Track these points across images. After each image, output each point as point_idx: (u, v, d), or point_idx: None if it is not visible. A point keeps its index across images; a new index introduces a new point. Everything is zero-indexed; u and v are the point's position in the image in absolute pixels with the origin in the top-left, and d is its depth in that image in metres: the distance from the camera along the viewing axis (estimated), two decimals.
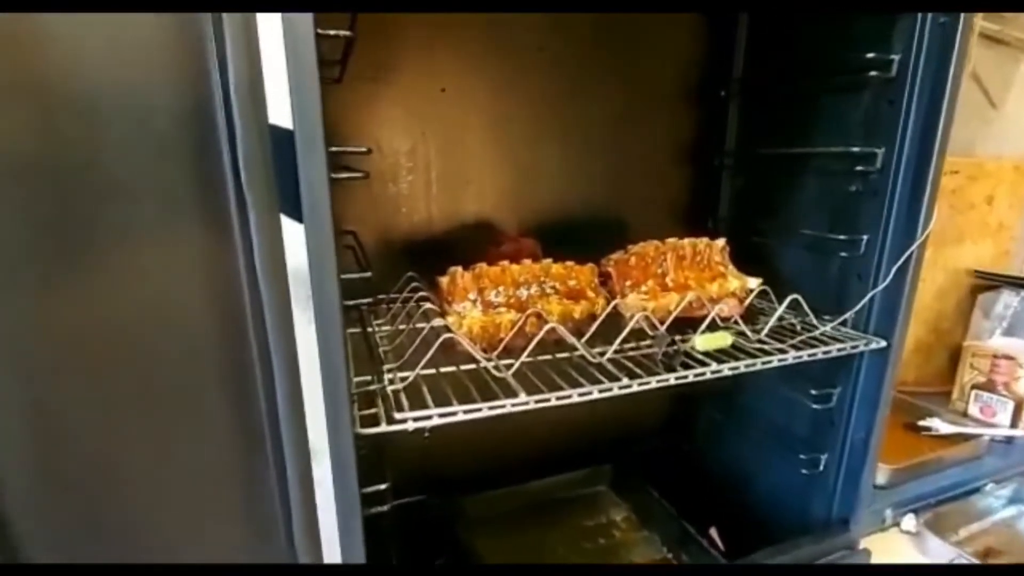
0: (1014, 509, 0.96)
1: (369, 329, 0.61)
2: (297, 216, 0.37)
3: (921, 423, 1.06)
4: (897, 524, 0.88)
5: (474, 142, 0.76)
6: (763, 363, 0.57)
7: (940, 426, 1.05)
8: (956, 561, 0.78)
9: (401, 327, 0.62)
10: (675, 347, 0.56)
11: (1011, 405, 1.07)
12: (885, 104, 0.61)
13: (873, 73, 0.60)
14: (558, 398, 0.49)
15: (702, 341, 0.58)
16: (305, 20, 0.33)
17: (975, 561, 0.77)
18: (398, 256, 0.75)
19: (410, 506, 0.83)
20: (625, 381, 0.51)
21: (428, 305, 0.60)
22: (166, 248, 0.34)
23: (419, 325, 0.60)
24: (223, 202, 0.34)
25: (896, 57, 0.59)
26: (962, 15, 0.54)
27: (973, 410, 1.12)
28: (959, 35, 0.54)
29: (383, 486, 0.50)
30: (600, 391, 0.51)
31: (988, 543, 0.88)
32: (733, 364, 0.56)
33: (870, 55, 0.60)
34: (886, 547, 0.83)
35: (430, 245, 0.76)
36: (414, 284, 0.67)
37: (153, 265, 0.34)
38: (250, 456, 0.39)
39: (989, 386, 1.11)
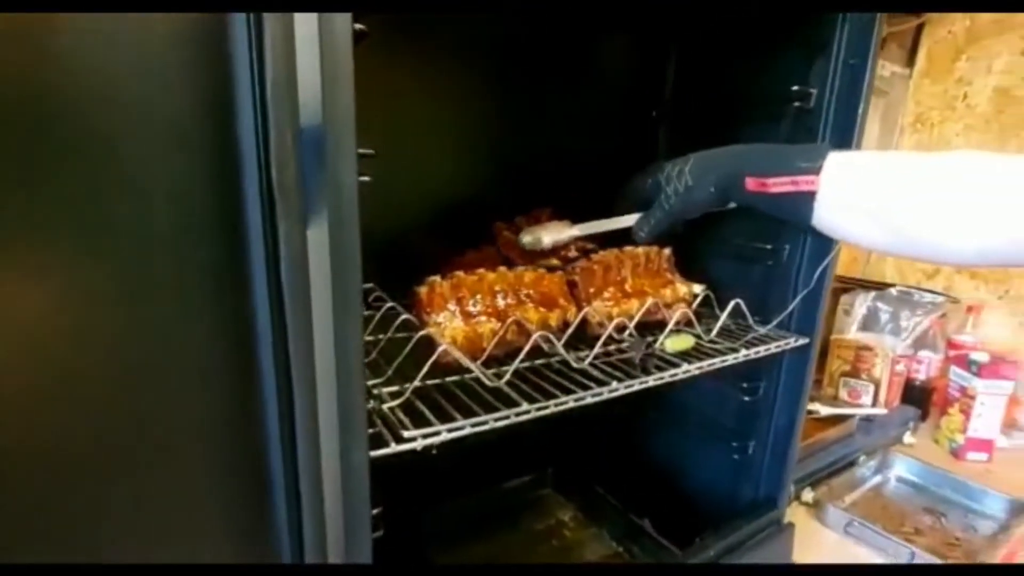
0: (880, 476, 1.14)
1: None
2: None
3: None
4: (798, 497, 1.01)
5: (428, 150, 0.75)
6: (721, 362, 0.62)
7: (821, 409, 1.21)
8: (851, 525, 0.91)
9: (367, 339, 0.59)
10: (650, 350, 0.60)
11: (872, 388, 1.27)
12: (803, 131, 0.70)
13: (796, 103, 0.69)
14: (556, 404, 0.50)
15: (671, 344, 0.62)
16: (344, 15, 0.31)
17: (868, 525, 0.89)
18: None
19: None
20: (614, 385, 0.53)
21: (403, 316, 0.58)
22: (174, 248, 0.29)
23: (392, 336, 0.57)
24: (247, 208, 0.30)
25: (814, 91, 0.68)
26: (869, 58, 0.63)
27: (843, 394, 1.31)
28: (867, 73, 0.64)
29: (375, 511, 0.47)
30: (592, 396, 0.52)
31: (866, 507, 1.04)
32: (699, 364, 0.60)
33: (794, 88, 0.68)
34: (792, 518, 0.93)
35: (385, 255, 0.73)
36: (376, 295, 0.64)
37: (159, 265, 0.29)
38: (259, 486, 0.35)
39: (854, 373, 1.31)
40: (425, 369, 0.47)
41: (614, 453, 0.99)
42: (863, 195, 0.49)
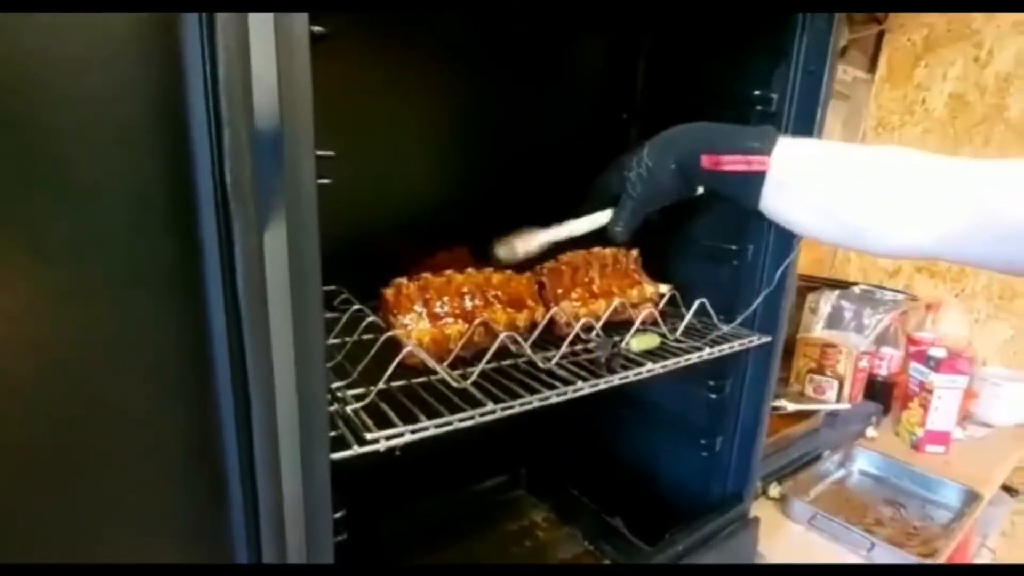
0: (844, 470, 1.17)
1: None
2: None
3: (772, 404, 1.24)
4: (765, 493, 1.03)
5: (401, 151, 0.75)
6: (686, 360, 0.64)
7: (788, 405, 1.23)
8: (815, 518, 0.94)
9: (333, 342, 0.59)
10: (616, 350, 0.60)
11: (836, 384, 1.30)
12: None
13: (758, 107, 0.71)
14: (521, 404, 0.50)
15: (636, 343, 0.63)
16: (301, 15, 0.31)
17: (830, 517, 0.92)
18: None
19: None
20: (579, 384, 0.54)
21: (370, 318, 0.57)
22: (126, 252, 0.29)
23: (358, 339, 0.57)
24: (201, 208, 0.30)
25: (775, 96, 0.70)
26: (826, 66, 0.65)
27: (809, 391, 1.35)
28: (824, 81, 0.66)
29: (338, 515, 0.47)
30: (557, 395, 0.53)
31: (830, 500, 1.07)
32: (664, 363, 0.61)
33: (756, 92, 0.70)
34: (760, 512, 0.95)
35: (353, 257, 0.72)
36: (343, 297, 0.64)
37: (110, 270, 0.29)
38: (215, 490, 0.35)
39: (819, 370, 1.34)
40: (390, 371, 0.47)
41: (587, 453, 1.00)
42: (810, 189, 0.52)
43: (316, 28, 0.38)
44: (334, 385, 0.50)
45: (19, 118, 0.25)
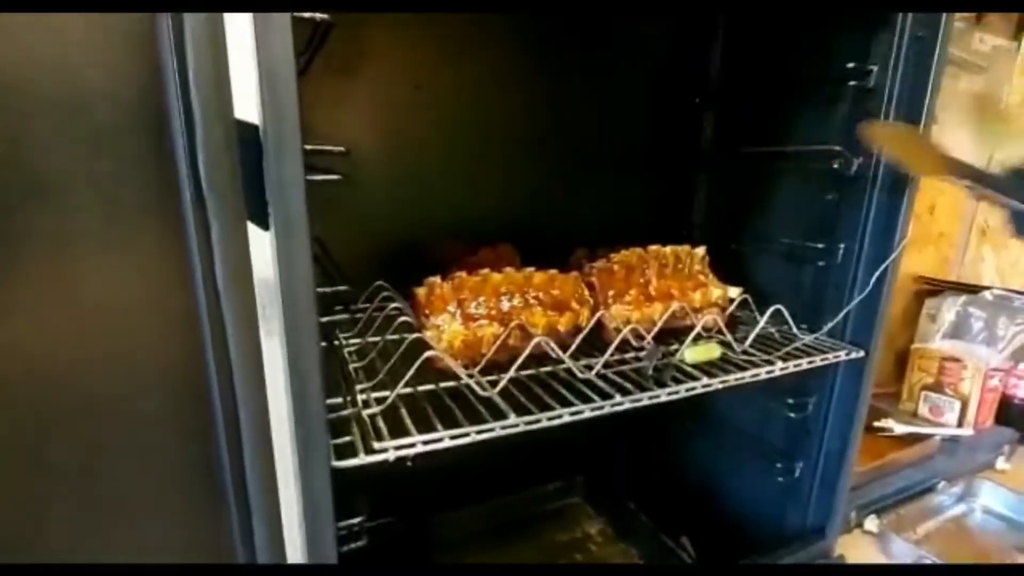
0: (964, 506, 1.00)
1: (336, 343, 0.56)
2: (262, 222, 0.33)
3: (877, 424, 1.09)
4: (860, 525, 0.90)
5: (448, 144, 0.72)
6: (752, 376, 0.56)
7: (895, 427, 1.08)
8: (921, 561, 0.80)
9: (371, 340, 0.58)
10: (665, 361, 0.54)
11: (958, 405, 1.12)
12: (864, 115, 0.61)
13: (852, 83, 0.61)
14: (549, 419, 0.46)
15: (691, 354, 0.56)
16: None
17: (943, 562, 0.78)
18: (363, 264, 0.70)
19: (377, 529, 0.78)
20: (618, 399, 0.49)
21: (403, 318, 0.55)
22: (108, 259, 0.28)
23: (392, 338, 0.55)
24: (178, 207, 0.29)
25: (874, 68, 0.59)
26: (940, 29, 0.54)
27: (923, 410, 1.17)
28: (937, 48, 0.55)
29: (356, 520, 0.45)
30: (592, 409, 0.48)
31: (944, 540, 0.92)
32: (723, 378, 0.54)
33: (850, 65, 0.60)
34: (851, 548, 0.84)
35: (398, 253, 0.71)
36: (384, 294, 0.63)
37: (92, 279, 0.28)
38: (209, 498, 0.34)
39: (937, 387, 1.16)
40: (407, 377, 0.45)
41: (649, 467, 0.93)
42: None
43: (320, 15, 0.36)
44: (359, 387, 0.49)
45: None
